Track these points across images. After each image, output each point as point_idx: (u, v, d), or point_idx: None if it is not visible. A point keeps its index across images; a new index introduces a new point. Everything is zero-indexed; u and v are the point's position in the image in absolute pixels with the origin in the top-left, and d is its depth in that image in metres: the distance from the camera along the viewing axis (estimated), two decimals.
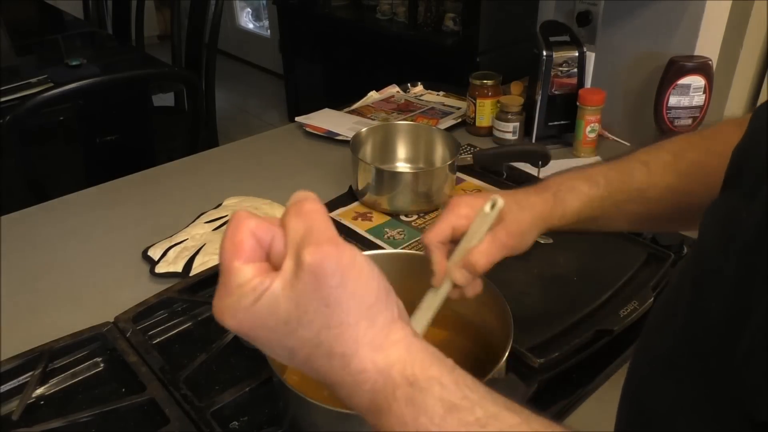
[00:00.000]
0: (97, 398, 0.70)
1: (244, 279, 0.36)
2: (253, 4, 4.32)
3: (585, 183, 0.62)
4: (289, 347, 0.37)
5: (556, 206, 0.61)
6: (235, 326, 0.36)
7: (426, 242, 0.58)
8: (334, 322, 0.35)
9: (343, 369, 0.36)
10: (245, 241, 0.36)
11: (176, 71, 2.01)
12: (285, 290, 0.35)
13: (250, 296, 0.35)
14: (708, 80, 1.15)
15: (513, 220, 0.59)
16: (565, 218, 0.61)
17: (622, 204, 0.62)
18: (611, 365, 0.72)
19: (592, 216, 0.62)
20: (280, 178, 1.16)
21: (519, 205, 0.60)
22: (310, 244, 0.35)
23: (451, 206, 0.60)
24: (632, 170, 0.62)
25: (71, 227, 1.03)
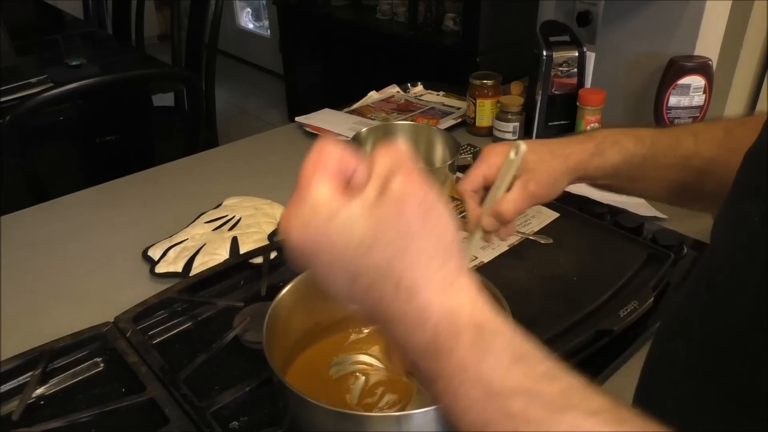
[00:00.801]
0: (97, 398, 0.69)
1: (322, 196, 0.35)
2: (253, 4, 4.32)
3: (631, 139, 0.62)
4: (353, 271, 0.35)
5: (595, 156, 0.61)
6: (300, 241, 0.35)
7: (460, 191, 0.61)
8: (410, 250, 0.34)
9: (408, 302, 0.35)
10: (329, 162, 0.36)
11: (176, 71, 2.01)
12: (364, 212, 0.34)
13: (325, 212, 0.34)
14: (708, 80, 1.15)
15: (544, 170, 0.60)
16: (602, 169, 0.62)
17: (664, 168, 0.62)
18: (611, 365, 0.72)
19: (630, 173, 0.62)
20: (280, 178, 1.16)
21: (552, 154, 0.61)
22: (400, 174, 0.34)
23: (483, 155, 0.61)
24: (680, 138, 0.62)
25: (71, 227, 1.03)
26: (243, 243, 0.92)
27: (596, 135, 0.63)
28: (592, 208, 0.96)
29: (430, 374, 0.35)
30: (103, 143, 1.58)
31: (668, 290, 0.81)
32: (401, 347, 0.36)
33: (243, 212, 1.00)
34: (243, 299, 0.80)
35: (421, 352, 0.35)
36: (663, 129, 0.64)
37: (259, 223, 0.97)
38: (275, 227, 0.98)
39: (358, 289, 0.36)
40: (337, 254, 0.35)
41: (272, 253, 0.89)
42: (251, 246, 0.92)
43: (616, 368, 0.72)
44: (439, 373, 0.34)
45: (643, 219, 0.94)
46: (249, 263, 0.88)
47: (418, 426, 0.53)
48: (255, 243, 0.93)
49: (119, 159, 1.48)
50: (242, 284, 0.87)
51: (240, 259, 0.89)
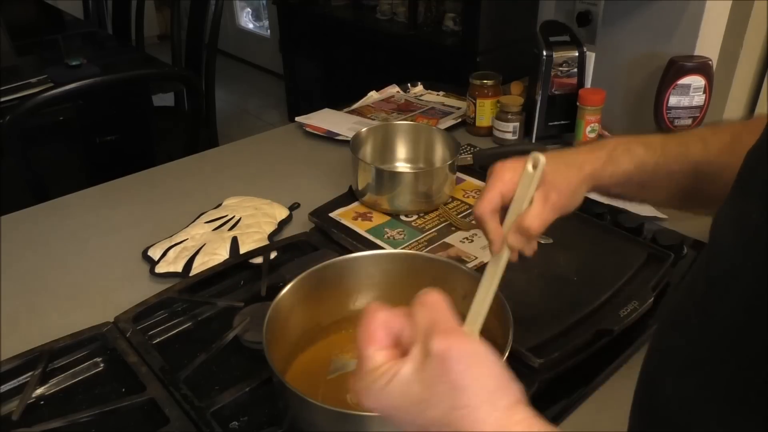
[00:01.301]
0: (97, 398, 0.70)
1: (377, 364, 0.40)
2: (253, 4, 4.32)
3: (642, 147, 0.62)
4: (419, 424, 0.40)
5: (607, 164, 0.61)
6: (372, 405, 0.41)
7: (479, 214, 0.59)
8: (460, 403, 0.38)
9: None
10: (377, 331, 0.41)
11: (176, 71, 2.01)
12: (415, 374, 0.39)
13: (383, 379, 0.39)
14: (708, 80, 1.15)
15: (562, 180, 0.60)
16: (615, 177, 0.62)
17: (675, 174, 0.62)
18: (611, 365, 0.72)
19: (642, 180, 0.62)
20: (280, 178, 1.16)
21: (566, 164, 0.61)
22: (437, 333, 0.38)
23: (495, 174, 0.60)
24: (689, 144, 0.62)
25: (71, 227, 1.03)
26: (243, 243, 0.92)
27: (607, 144, 0.63)
28: (592, 208, 0.96)
29: None
30: (103, 143, 1.58)
31: (668, 290, 0.81)
32: None
33: (243, 212, 1.00)
34: (243, 299, 0.80)
35: None
36: (672, 135, 0.64)
37: (259, 223, 0.97)
38: (275, 227, 0.98)
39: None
40: (403, 412, 0.40)
41: (272, 253, 0.89)
42: (251, 246, 0.92)
43: (616, 368, 0.72)
44: None
45: (643, 219, 0.94)
46: (249, 263, 0.88)
47: None
48: (255, 243, 0.93)
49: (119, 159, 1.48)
50: (242, 284, 0.87)
51: (240, 259, 0.89)
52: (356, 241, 0.91)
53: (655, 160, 0.61)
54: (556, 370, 0.69)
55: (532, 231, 0.57)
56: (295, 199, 1.05)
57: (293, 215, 1.02)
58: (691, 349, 0.42)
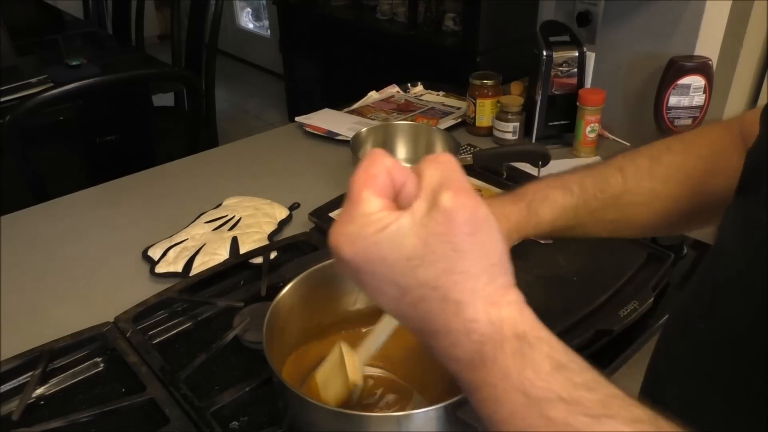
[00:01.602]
0: (97, 398, 0.70)
1: (372, 209, 0.36)
2: (253, 4, 4.32)
3: (559, 191, 0.61)
4: (402, 285, 0.36)
5: (530, 216, 0.60)
6: (349, 254, 0.36)
7: None
8: (458, 267, 0.35)
9: (455, 315, 0.35)
10: (379, 175, 0.37)
11: (176, 71, 2.01)
12: (414, 227, 0.35)
13: (375, 225, 0.35)
14: (708, 80, 1.15)
15: None
16: (539, 227, 0.61)
17: (598, 211, 0.61)
18: (611, 365, 0.72)
19: (567, 225, 0.61)
20: (280, 178, 1.16)
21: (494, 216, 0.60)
22: (449, 189, 0.35)
23: None
24: (607, 177, 0.61)
25: (71, 227, 1.03)
26: (243, 243, 0.92)
27: (525, 193, 0.62)
28: None
29: (474, 384, 0.36)
30: (103, 143, 1.58)
31: (668, 290, 0.81)
32: (444, 359, 0.37)
33: (243, 212, 1.00)
34: (243, 299, 0.80)
35: (466, 363, 0.36)
36: (588, 170, 0.62)
37: (259, 223, 0.97)
38: (275, 227, 0.98)
39: (406, 303, 0.36)
40: (387, 268, 0.35)
41: (272, 253, 0.89)
42: (251, 246, 0.92)
43: (616, 368, 0.72)
44: (483, 381, 0.35)
45: None
46: (249, 263, 0.88)
47: (418, 426, 0.53)
48: (255, 243, 0.93)
49: (119, 159, 1.48)
50: (242, 284, 0.87)
51: (240, 259, 0.89)
52: None
53: (575, 203, 0.60)
54: None
55: None
56: (295, 199, 1.05)
57: (293, 215, 1.02)
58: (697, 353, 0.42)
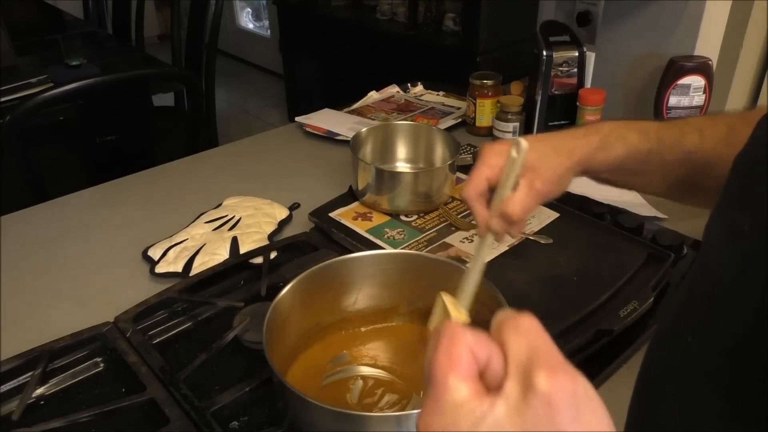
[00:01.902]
0: (97, 398, 0.70)
1: (461, 399, 0.32)
2: (253, 4, 4.32)
3: (636, 133, 0.61)
4: None
5: (600, 150, 0.61)
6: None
7: (465, 197, 0.60)
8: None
9: None
10: (463, 356, 0.33)
11: (176, 71, 2.01)
12: (510, 416, 0.31)
13: (469, 419, 0.32)
14: (708, 80, 1.15)
15: (548, 167, 0.59)
16: (607, 163, 0.62)
17: (668, 164, 0.61)
18: (611, 365, 0.72)
19: (634, 167, 0.62)
20: (280, 178, 1.16)
21: (555, 149, 0.60)
22: (541, 368, 0.32)
23: (482, 157, 0.60)
24: (685, 133, 0.61)
25: (71, 227, 1.03)
26: (243, 243, 0.92)
27: (601, 128, 0.62)
28: (592, 208, 0.96)
29: None
30: (103, 143, 1.58)
31: (668, 290, 0.81)
32: None
33: (243, 212, 1.00)
34: (243, 299, 0.80)
35: None
36: (667, 123, 0.64)
37: (259, 223, 0.97)
38: (275, 227, 0.98)
39: None
40: None
41: (272, 253, 0.89)
42: (251, 246, 0.92)
43: (616, 368, 0.72)
44: None
45: (643, 219, 0.94)
46: (249, 263, 0.88)
47: None
48: (255, 243, 0.93)
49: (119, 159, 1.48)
50: (242, 284, 0.87)
51: (240, 259, 0.89)
52: (356, 241, 0.91)
53: (649, 148, 0.61)
54: None
55: (514, 216, 0.57)
56: (295, 199, 1.05)
57: (293, 215, 1.02)
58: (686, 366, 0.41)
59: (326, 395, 0.64)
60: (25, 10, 2.42)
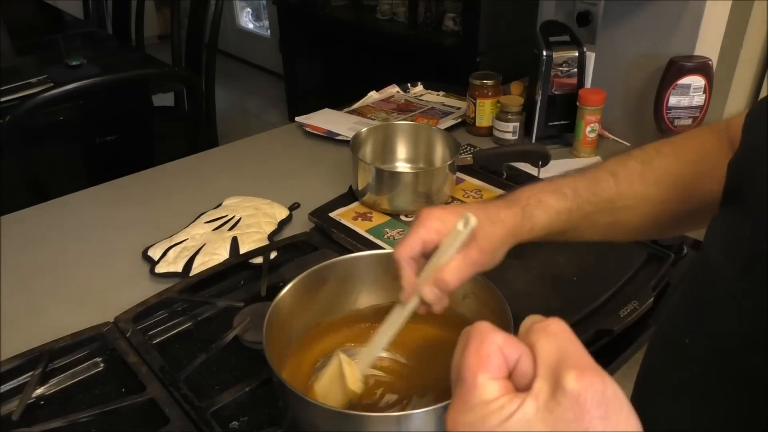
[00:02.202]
0: (97, 398, 0.70)
1: (490, 396, 0.33)
2: (253, 4, 4.32)
3: (552, 196, 0.61)
4: None
5: (524, 221, 0.60)
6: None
7: (396, 257, 0.57)
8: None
9: None
10: (492, 356, 0.34)
11: (176, 71, 2.01)
12: (539, 413, 0.32)
13: (498, 416, 0.33)
14: (708, 80, 1.15)
15: (485, 237, 0.58)
16: (533, 232, 0.61)
17: (591, 215, 0.61)
18: (611, 365, 0.72)
19: (560, 229, 0.61)
20: (280, 178, 1.16)
21: (490, 220, 0.59)
22: (571, 368, 0.32)
23: (421, 220, 0.58)
24: (600, 181, 0.61)
25: (71, 227, 1.03)
26: (243, 243, 0.92)
27: (519, 198, 0.62)
28: None
29: None
30: (103, 143, 1.58)
31: (668, 290, 0.81)
32: None
33: (243, 212, 1.00)
34: (243, 299, 0.80)
35: None
36: (582, 174, 0.63)
37: (259, 223, 0.97)
38: (275, 227, 0.98)
39: None
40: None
41: (272, 253, 0.89)
42: (251, 246, 0.92)
43: (616, 368, 0.72)
44: None
45: None
46: (249, 263, 0.88)
47: (418, 426, 0.53)
48: (255, 243, 0.93)
49: (119, 159, 1.48)
50: (242, 284, 0.87)
51: (240, 259, 0.89)
52: (356, 241, 0.91)
53: (569, 207, 0.61)
54: None
55: (449, 285, 0.56)
56: (295, 199, 1.05)
57: (293, 215, 1.02)
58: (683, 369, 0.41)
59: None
60: (25, 10, 2.42)
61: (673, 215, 0.61)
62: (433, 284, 0.56)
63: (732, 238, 0.38)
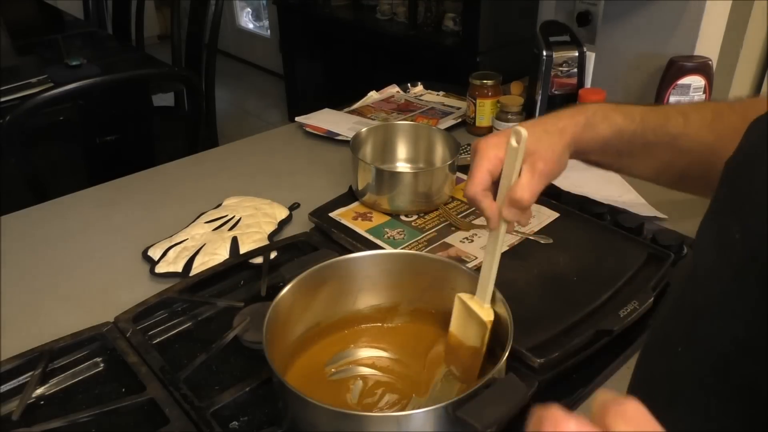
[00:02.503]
0: (97, 398, 0.70)
1: None
2: (253, 4, 4.32)
3: (620, 115, 0.62)
4: None
5: (587, 129, 0.61)
6: None
7: (471, 194, 0.59)
8: None
9: None
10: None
11: (176, 71, 2.01)
12: None
13: None
14: (708, 80, 1.15)
15: (547, 147, 0.59)
16: (593, 142, 0.62)
17: (652, 146, 0.62)
18: (611, 365, 0.72)
19: (619, 149, 0.62)
20: (280, 178, 1.16)
21: (547, 131, 0.61)
22: None
23: (480, 152, 0.60)
24: (669, 116, 0.62)
25: (71, 227, 1.03)
26: (243, 243, 0.92)
27: (586, 108, 0.63)
28: (592, 208, 0.96)
29: None
30: (103, 143, 1.58)
31: (668, 290, 0.81)
32: None
33: (243, 212, 1.00)
34: (243, 299, 0.80)
35: None
36: (653, 107, 0.64)
37: (259, 223, 0.97)
38: (275, 227, 0.98)
39: None
40: None
41: (272, 253, 0.89)
42: (251, 246, 0.92)
43: (616, 368, 0.72)
44: None
45: (643, 219, 0.94)
46: (249, 263, 0.88)
47: (418, 426, 0.53)
48: (255, 243, 0.93)
49: (119, 159, 1.48)
50: (242, 284, 0.87)
51: (240, 259, 0.89)
52: (356, 241, 0.91)
53: (633, 129, 0.61)
54: (556, 370, 0.69)
55: (524, 202, 0.57)
56: (295, 199, 1.05)
57: (293, 215, 1.02)
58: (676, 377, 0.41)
59: (327, 395, 0.64)
60: (25, 10, 2.42)
61: None
62: (509, 205, 0.57)
63: (724, 243, 0.38)
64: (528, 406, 0.67)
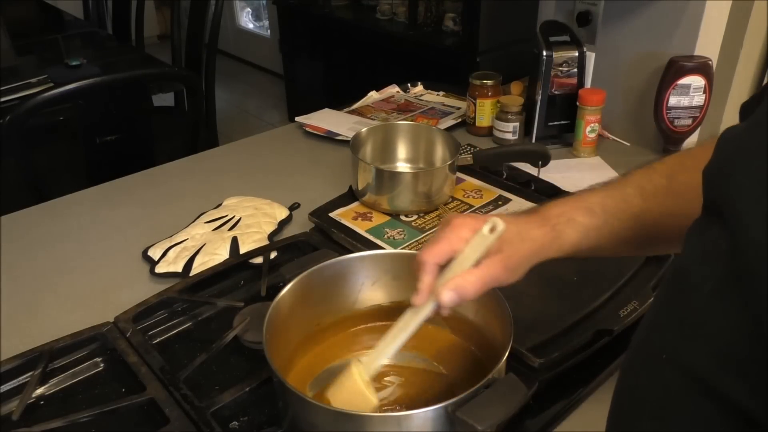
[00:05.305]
0: (97, 398, 0.70)
1: None
2: (253, 4, 4.32)
3: (583, 213, 0.60)
4: None
5: (554, 240, 0.59)
6: None
7: (422, 260, 0.56)
8: None
9: None
10: None
11: (176, 71, 2.01)
12: None
13: None
14: (708, 80, 1.15)
15: (513, 253, 0.57)
16: (562, 250, 0.60)
17: (620, 231, 0.61)
18: (611, 365, 0.72)
19: (589, 246, 0.61)
20: (280, 178, 1.16)
21: (521, 236, 0.58)
22: None
23: (452, 226, 0.57)
24: (628, 196, 0.61)
25: (71, 227, 1.03)
26: (243, 243, 0.92)
27: (550, 216, 0.60)
28: None
29: None
30: (103, 143, 1.58)
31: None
32: None
33: (243, 212, 1.00)
34: (243, 299, 0.80)
35: None
36: (609, 190, 0.62)
37: (259, 223, 0.97)
38: (275, 227, 0.98)
39: None
40: None
41: (272, 253, 0.89)
42: (251, 246, 0.92)
43: (616, 368, 0.72)
44: None
45: None
46: (249, 263, 0.88)
47: (418, 426, 0.53)
48: (255, 243, 0.93)
49: (119, 159, 1.48)
50: (242, 284, 0.87)
51: (240, 259, 0.89)
52: (356, 241, 0.91)
53: (597, 224, 0.60)
54: (556, 370, 0.69)
55: (468, 295, 0.54)
56: (295, 199, 1.05)
57: (293, 215, 1.02)
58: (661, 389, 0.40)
59: None
60: (25, 10, 2.42)
61: None
62: (452, 289, 0.53)
63: (709, 252, 0.37)
64: (528, 405, 0.67)
